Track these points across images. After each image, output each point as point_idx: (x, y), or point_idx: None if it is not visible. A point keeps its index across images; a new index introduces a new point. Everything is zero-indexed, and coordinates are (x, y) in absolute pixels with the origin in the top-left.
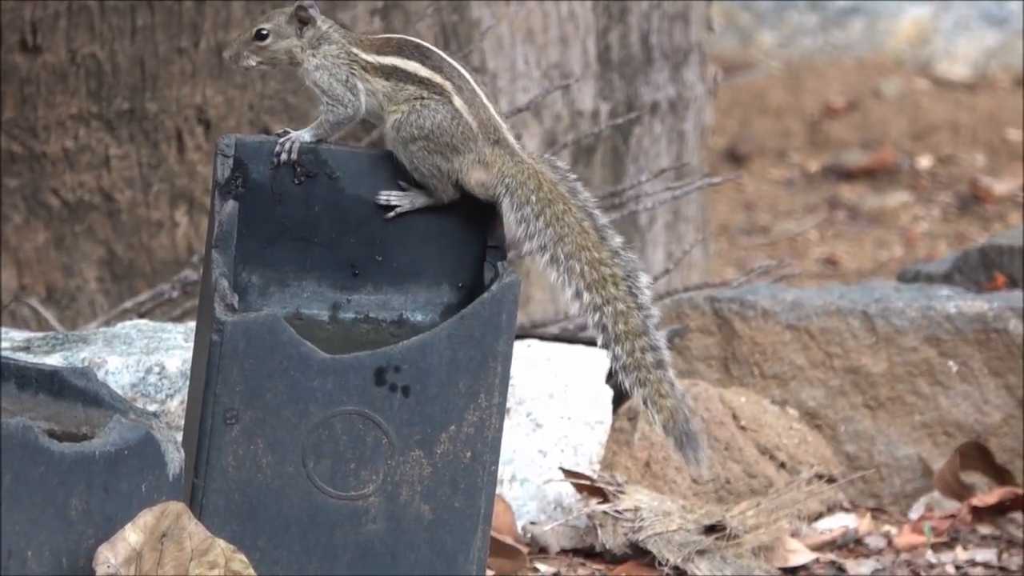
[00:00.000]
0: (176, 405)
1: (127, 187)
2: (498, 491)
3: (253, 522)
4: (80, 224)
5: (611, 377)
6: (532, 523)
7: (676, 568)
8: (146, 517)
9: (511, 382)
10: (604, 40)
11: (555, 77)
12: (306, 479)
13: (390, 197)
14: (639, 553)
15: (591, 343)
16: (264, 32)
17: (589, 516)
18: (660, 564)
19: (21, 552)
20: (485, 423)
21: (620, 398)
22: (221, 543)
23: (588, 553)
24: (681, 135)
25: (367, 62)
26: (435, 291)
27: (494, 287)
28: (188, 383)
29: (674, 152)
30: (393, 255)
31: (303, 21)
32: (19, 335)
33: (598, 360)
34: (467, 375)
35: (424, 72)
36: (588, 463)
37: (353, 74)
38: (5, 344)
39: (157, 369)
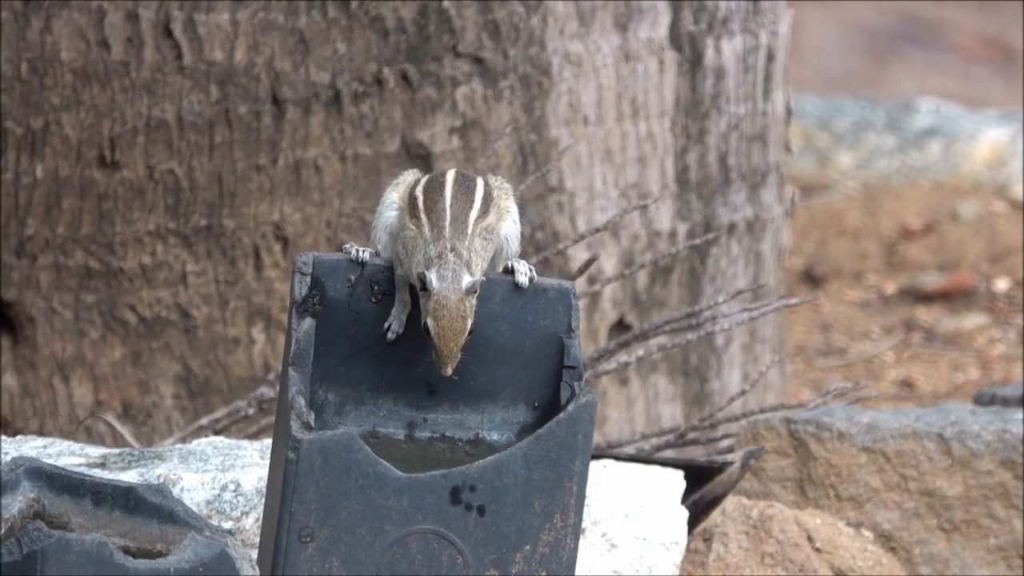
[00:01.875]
0: (251, 523)
1: (204, 304)
2: None
3: None
4: (157, 340)
5: (686, 498)
6: None
7: None
8: None
9: (586, 502)
10: (682, 160)
11: (633, 197)
12: None
13: (521, 271)
14: None
15: (667, 464)
16: (472, 330)
17: None
18: None
19: None
20: (560, 543)
21: (695, 519)
22: None
23: None
24: (758, 256)
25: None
26: (511, 410)
27: (570, 407)
28: (264, 500)
29: (751, 273)
30: (470, 374)
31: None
32: (95, 451)
33: (674, 481)
34: (543, 495)
35: (480, 191)
36: None
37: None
38: (81, 460)
39: (232, 486)
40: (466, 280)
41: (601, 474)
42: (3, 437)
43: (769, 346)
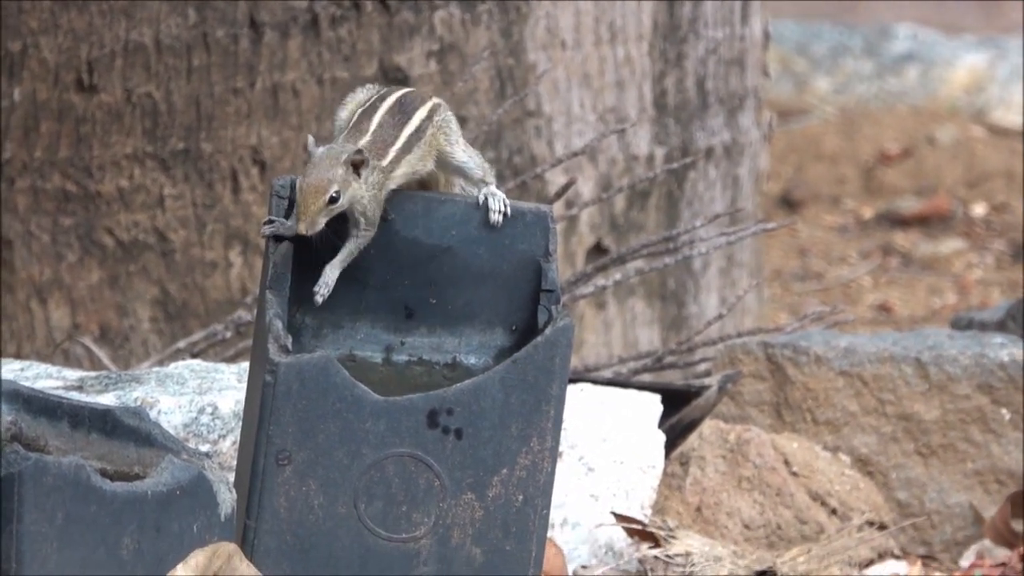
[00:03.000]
0: (228, 446)
1: (181, 227)
2: (549, 535)
3: (304, 563)
4: (134, 264)
5: (663, 422)
6: (583, 567)
7: None
8: (198, 557)
9: (564, 426)
10: (660, 85)
11: (611, 121)
12: (358, 521)
13: (493, 208)
14: None
15: (644, 387)
16: (336, 195)
17: (640, 561)
18: None
19: None
20: (537, 467)
21: (672, 443)
22: None
23: None
24: (736, 180)
25: (387, 165)
26: (489, 334)
27: (548, 331)
28: (241, 424)
29: (729, 197)
30: (447, 298)
31: (358, 165)
32: (72, 374)
33: (651, 404)
34: (520, 419)
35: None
36: (640, 508)
37: (382, 188)
38: (58, 383)
39: (210, 409)
40: (347, 154)
41: (578, 398)
42: None
43: (746, 270)
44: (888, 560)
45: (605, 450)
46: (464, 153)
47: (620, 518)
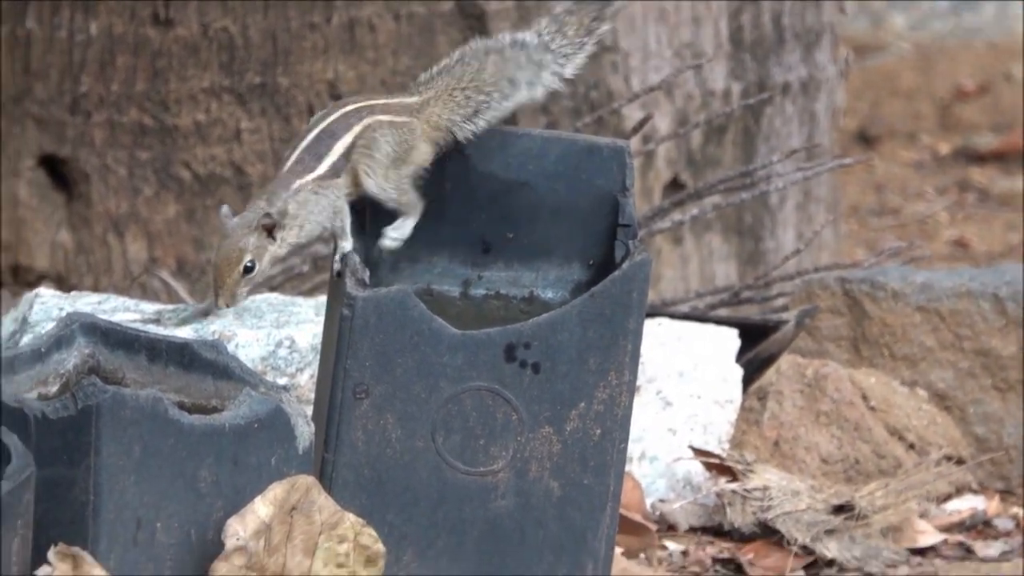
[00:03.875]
0: (306, 379)
1: (258, 160)
2: (627, 469)
3: (382, 496)
4: (211, 197)
5: (741, 357)
6: (661, 501)
7: (804, 547)
8: (276, 490)
9: (641, 360)
10: (736, 20)
11: (687, 57)
12: (435, 454)
13: (387, 238)
14: (767, 532)
15: (721, 322)
16: (250, 264)
17: (718, 495)
18: (788, 543)
19: (151, 523)
20: (615, 401)
21: (750, 378)
22: (350, 517)
23: (716, 531)
24: (812, 116)
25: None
26: (566, 268)
27: (625, 265)
28: (318, 357)
29: (805, 133)
30: (524, 232)
31: (270, 229)
32: (150, 307)
33: (728, 339)
34: (597, 353)
35: (342, 143)
36: (717, 441)
37: (329, 200)
38: (135, 316)
39: (287, 343)
40: (258, 217)
41: (656, 332)
42: (58, 293)
43: (823, 205)
44: (966, 495)
45: (683, 384)
46: (378, 185)
47: (698, 452)
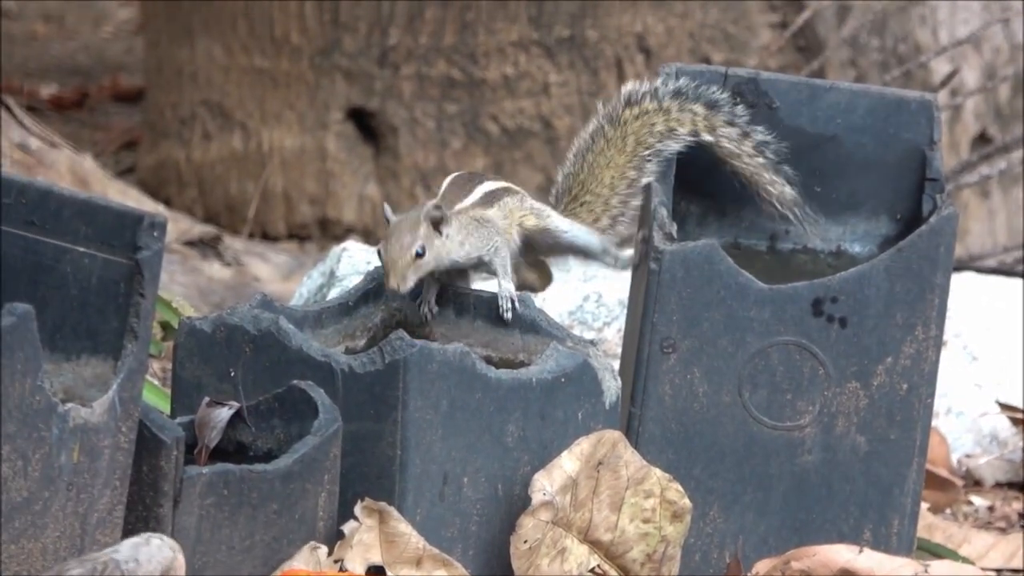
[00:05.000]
0: (613, 333)
1: (566, 114)
2: (934, 423)
3: (688, 451)
4: (519, 150)
5: None
6: (967, 456)
7: None
8: (583, 445)
9: (948, 315)
10: None
11: (995, 10)
12: (742, 409)
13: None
14: None
15: None
16: (420, 251)
17: None
18: None
19: (457, 477)
20: (922, 355)
21: None
22: (657, 472)
23: (1023, 487)
24: None
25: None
26: (873, 222)
27: (932, 219)
28: (625, 311)
29: None
30: (832, 187)
31: (437, 222)
32: None
33: None
34: (904, 307)
35: (491, 184)
36: None
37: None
38: None
39: (595, 297)
40: (426, 209)
41: (963, 286)
42: (366, 246)
43: None
44: None
45: (990, 339)
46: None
47: (1005, 407)
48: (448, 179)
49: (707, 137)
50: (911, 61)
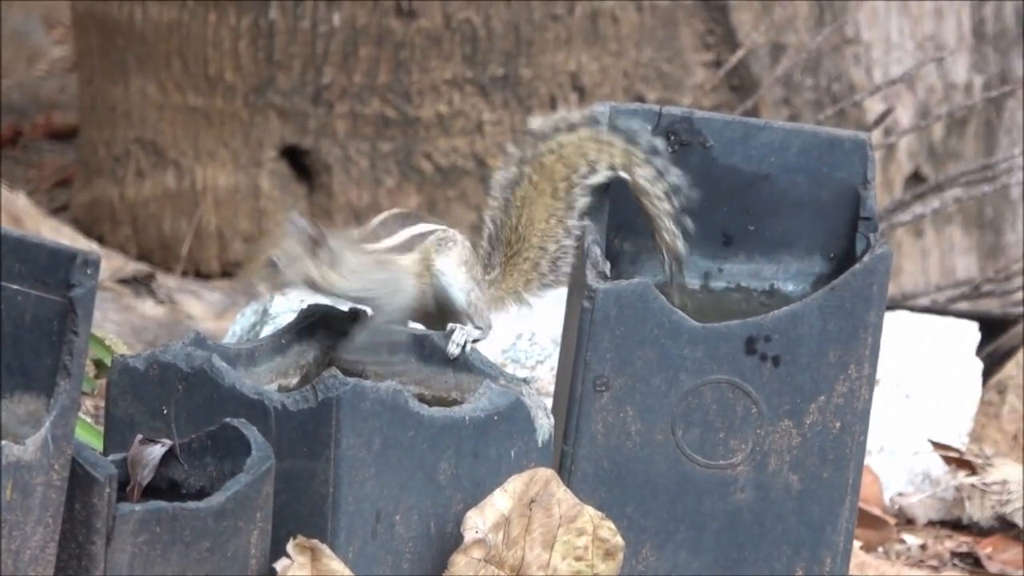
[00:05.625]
0: (546, 371)
1: (500, 152)
2: (866, 462)
3: (621, 489)
4: (453, 188)
5: (980, 350)
6: (900, 494)
7: None
8: (515, 483)
9: (881, 354)
10: (979, 13)
11: (929, 49)
12: (675, 447)
13: (456, 341)
14: (1006, 526)
15: (961, 315)
16: (275, 261)
17: (957, 488)
18: None
19: (390, 515)
20: (855, 394)
21: (989, 371)
22: (589, 510)
23: (955, 525)
24: None
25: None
26: (807, 261)
27: (866, 258)
28: (559, 349)
29: None
30: (766, 225)
31: (315, 242)
32: None
33: (968, 332)
34: (838, 346)
35: (424, 227)
36: (957, 435)
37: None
38: None
39: (528, 335)
40: (305, 228)
41: (896, 325)
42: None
43: None
44: None
45: (922, 377)
46: (451, 267)
47: (937, 446)
48: (380, 217)
49: (622, 174)
50: (845, 100)
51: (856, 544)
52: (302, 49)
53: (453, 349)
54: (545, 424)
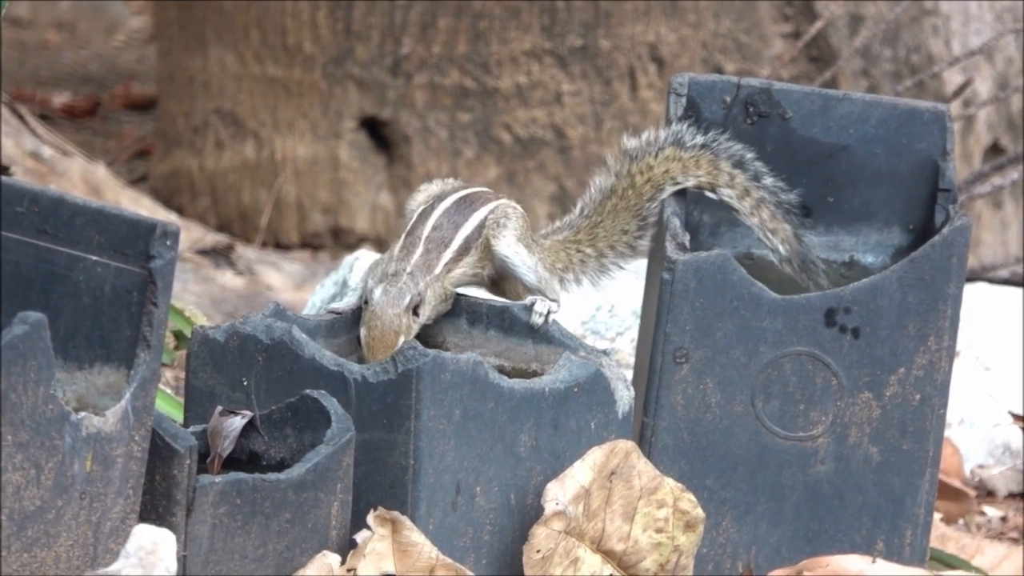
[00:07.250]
0: (626, 343)
1: (579, 123)
2: (946, 434)
3: (701, 461)
4: (532, 159)
5: None
6: (980, 466)
7: None
8: (595, 455)
9: (960, 326)
10: None
11: (1008, 20)
12: (755, 419)
13: (539, 311)
14: None
15: None
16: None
17: None
18: None
19: (470, 487)
20: (935, 366)
21: None
22: (670, 482)
23: None
24: None
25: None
26: (886, 233)
27: (945, 230)
28: (639, 321)
29: None
30: (845, 197)
31: (417, 307)
32: None
33: None
34: (917, 318)
35: (474, 217)
36: None
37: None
38: None
39: (608, 307)
40: (407, 298)
41: (975, 297)
42: (378, 255)
43: None
44: None
45: (1002, 349)
46: (512, 248)
47: (1018, 418)
48: (430, 221)
49: (709, 194)
50: (924, 71)
51: (936, 516)
52: (381, 19)
53: (537, 319)
54: (625, 396)
